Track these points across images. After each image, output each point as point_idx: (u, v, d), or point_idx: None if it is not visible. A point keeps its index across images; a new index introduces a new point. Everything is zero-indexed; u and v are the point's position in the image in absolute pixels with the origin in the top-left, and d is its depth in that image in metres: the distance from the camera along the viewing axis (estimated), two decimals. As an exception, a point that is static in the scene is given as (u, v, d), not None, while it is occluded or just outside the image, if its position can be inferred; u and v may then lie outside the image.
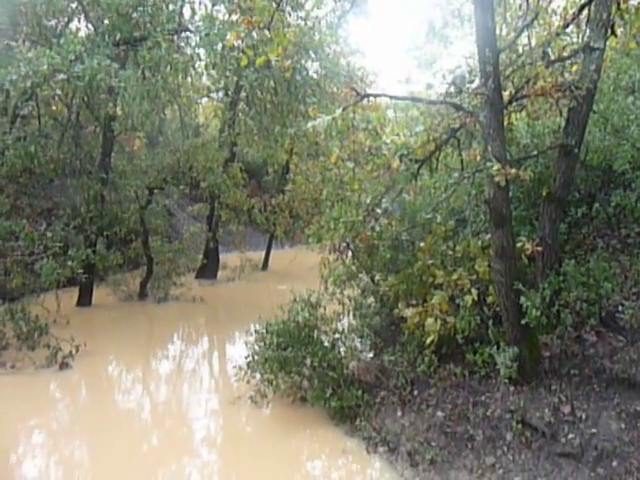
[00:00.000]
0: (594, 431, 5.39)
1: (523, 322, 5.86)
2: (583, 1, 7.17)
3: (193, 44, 12.16)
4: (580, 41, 6.95)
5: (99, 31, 11.68)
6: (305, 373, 7.37)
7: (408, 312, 6.81)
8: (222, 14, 12.42)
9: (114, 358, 10.37)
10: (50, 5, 12.33)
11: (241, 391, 7.91)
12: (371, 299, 8.42)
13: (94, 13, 12.43)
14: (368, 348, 8.18)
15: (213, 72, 13.44)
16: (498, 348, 6.12)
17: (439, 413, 6.28)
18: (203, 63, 12.46)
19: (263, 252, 20.83)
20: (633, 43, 8.31)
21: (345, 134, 6.68)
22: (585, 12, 7.01)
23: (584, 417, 5.53)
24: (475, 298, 6.40)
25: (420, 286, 7.23)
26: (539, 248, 6.16)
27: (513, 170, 5.58)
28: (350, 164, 7.35)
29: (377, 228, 6.90)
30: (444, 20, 10.31)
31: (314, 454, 6.72)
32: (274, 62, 7.25)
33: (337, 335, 7.75)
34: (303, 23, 13.89)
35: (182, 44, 12.33)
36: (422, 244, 7.33)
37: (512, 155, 6.89)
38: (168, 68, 11.28)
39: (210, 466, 6.66)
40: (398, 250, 7.92)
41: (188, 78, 14.19)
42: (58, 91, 12.79)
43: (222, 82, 14.88)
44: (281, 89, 13.89)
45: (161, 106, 14.75)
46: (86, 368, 9.48)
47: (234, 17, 10.92)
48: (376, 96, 6.86)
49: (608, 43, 6.69)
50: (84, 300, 13.76)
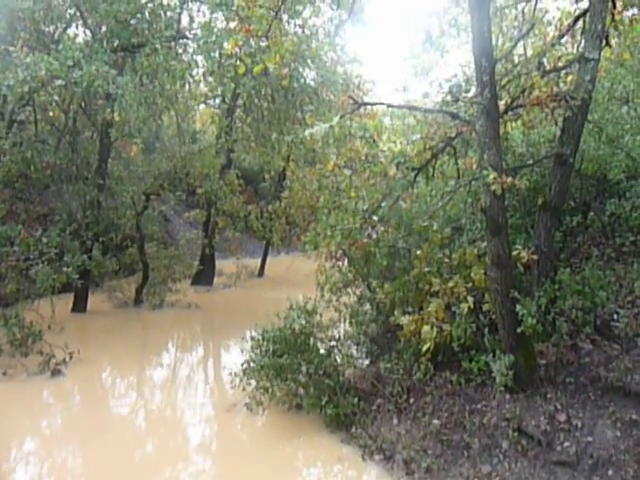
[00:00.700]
0: (590, 439, 5.39)
1: (519, 330, 5.87)
2: (578, 12, 7.27)
3: (191, 51, 12.23)
4: (575, 52, 7.02)
5: (97, 37, 11.72)
6: (301, 380, 7.36)
7: (404, 319, 6.81)
8: (220, 22, 12.48)
9: (108, 365, 10.31)
10: (48, 11, 12.35)
11: (236, 398, 7.88)
12: (367, 306, 8.41)
13: (92, 19, 12.46)
14: (364, 355, 8.17)
15: (211, 79, 13.47)
16: (494, 356, 6.12)
17: (435, 421, 6.27)
18: (201, 70, 12.51)
19: (259, 259, 20.81)
20: (627, 54, 8.39)
21: (342, 142, 6.72)
22: (580, 23, 7.11)
23: (580, 425, 5.54)
24: (471, 306, 6.41)
25: (416, 294, 7.24)
26: (535, 256, 6.18)
27: (509, 179, 5.61)
28: (347, 171, 7.37)
29: (374, 235, 6.92)
30: (441, 29, 10.38)
31: (310, 462, 6.70)
32: (272, 70, 7.27)
33: (333, 342, 7.75)
34: (301, 31, 13.94)
35: (180, 51, 12.38)
36: (418, 252, 7.34)
37: (508, 164, 6.93)
38: (166, 75, 11.31)
39: (205, 473, 6.63)
40: (394, 258, 7.94)
41: (186, 85, 14.20)
42: (55, 97, 12.81)
43: (219, 89, 14.92)
44: (278, 96, 13.97)
45: (158, 112, 14.76)
46: (79, 375, 9.40)
47: (232, 25, 10.96)
48: (373, 104, 6.91)
49: (603, 54, 6.75)
50: (79, 306, 13.69)
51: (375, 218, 7.00)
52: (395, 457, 6.13)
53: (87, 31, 13.15)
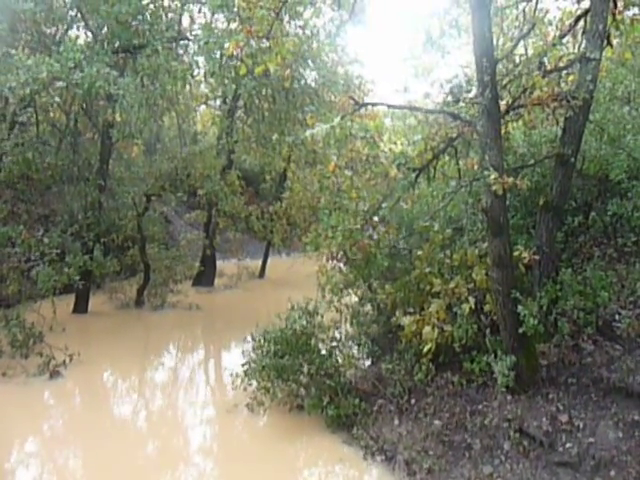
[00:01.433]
0: (592, 440, 5.38)
1: (520, 331, 5.86)
2: (579, 12, 7.26)
3: (192, 52, 12.26)
4: (576, 51, 7.00)
5: (98, 39, 11.74)
6: (302, 381, 7.35)
7: (405, 320, 6.81)
8: (221, 23, 12.51)
9: (108, 366, 10.27)
10: (50, 13, 12.38)
11: (238, 399, 7.87)
12: (368, 307, 8.41)
13: (93, 21, 12.48)
14: (365, 356, 8.16)
15: (211, 80, 13.51)
16: (495, 357, 6.11)
17: (436, 422, 6.26)
18: (202, 71, 12.53)
19: (260, 260, 20.80)
20: (628, 53, 8.38)
21: (343, 142, 6.71)
22: (581, 23, 7.10)
23: (582, 426, 5.52)
24: (472, 306, 6.40)
25: (417, 294, 7.23)
26: (536, 257, 6.17)
27: (510, 179, 5.61)
28: (348, 172, 7.37)
29: (375, 236, 6.91)
30: (441, 30, 10.37)
31: (311, 462, 6.69)
32: (272, 71, 7.28)
33: (334, 343, 7.74)
34: (302, 32, 13.96)
35: (181, 52, 12.42)
36: (419, 252, 7.33)
37: (509, 164, 6.92)
38: (167, 76, 11.32)
39: (206, 474, 6.62)
40: (395, 258, 7.92)
41: (186, 86, 14.23)
42: (57, 98, 12.81)
43: (220, 90, 14.94)
44: (279, 97, 13.98)
45: (159, 113, 14.81)
46: (78, 377, 9.36)
47: (233, 26, 10.98)
48: (374, 105, 6.91)
49: (604, 53, 6.74)
50: (80, 307, 13.69)
51: (376, 219, 6.99)
52: (396, 458, 6.12)
53: (88, 33, 13.18)
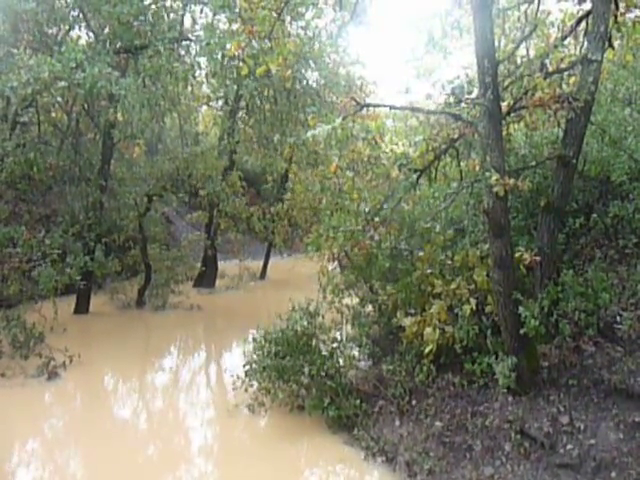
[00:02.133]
0: (593, 442, 5.37)
1: (521, 332, 5.86)
2: (581, 14, 7.26)
3: (193, 53, 12.28)
4: (578, 53, 7.02)
5: (100, 39, 11.76)
6: (303, 382, 7.35)
7: (407, 321, 6.82)
8: (223, 23, 12.52)
9: (108, 368, 10.23)
10: (51, 13, 12.39)
11: (239, 400, 7.87)
12: (370, 308, 8.41)
13: (95, 21, 12.51)
14: (366, 357, 8.16)
15: (213, 81, 13.51)
16: (497, 358, 6.11)
17: (437, 423, 6.26)
18: (203, 72, 12.55)
19: (261, 261, 20.80)
20: (630, 55, 8.39)
21: (344, 143, 6.73)
22: (583, 25, 7.10)
23: (583, 428, 5.52)
24: (474, 308, 6.40)
25: (419, 295, 7.23)
26: (537, 258, 6.17)
27: (511, 180, 5.61)
28: (349, 173, 7.39)
29: (376, 237, 6.91)
30: (443, 31, 10.37)
31: (312, 463, 6.69)
32: (274, 71, 7.29)
33: (335, 344, 7.73)
34: (303, 33, 13.96)
35: (183, 53, 12.43)
36: (421, 253, 7.34)
37: (510, 165, 6.92)
38: (168, 76, 11.35)
39: (207, 475, 6.61)
40: (397, 259, 7.93)
41: (188, 86, 14.27)
42: (58, 98, 12.86)
43: (222, 91, 14.92)
44: (281, 98, 13.99)
45: (161, 114, 14.83)
46: (77, 378, 9.32)
47: (235, 26, 10.99)
48: (375, 106, 6.91)
49: (605, 55, 6.74)
50: (81, 308, 13.70)
51: (377, 220, 6.99)
52: (397, 459, 6.12)
53: (90, 33, 13.20)
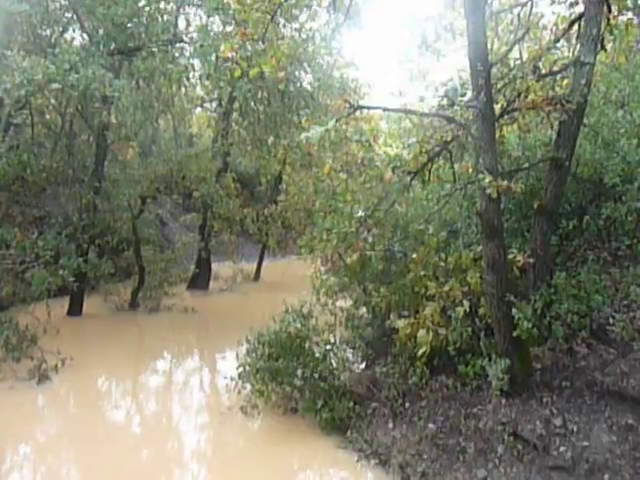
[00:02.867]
0: (586, 444, 5.38)
1: (515, 334, 5.87)
2: (573, 17, 7.30)
3: (187, 55, 12.27)
4: (571, 55, 7.04)
5: (94, 41, 11.73)
6: (296, 384, 7.33)
7: (400, 323, 6.81)
8: (216, 25, 12.52)
9: (101, 370, 10.12)
10: (45, 15, 12.36)
11: (232, 402, 7.85)
12: (363, 310, 8.40)
13: (89, 23, 12.47)
14: (360, 359, 8.16)
15: (207, 83, 13.52)
16: (490, 360, 6.11)
17: (431, 425, 6.25)
18: (197, 74, 12.54)
19: (255, 263, 20.77)
20: (622, 58, 8.43)
21: (338, 145, 6.74)
22: (575, 27, 7.14)
23: (576, 430, 5.53)
24: (467, 310, 6.41)
25: (412, 297, 7.23)
26: (530, 260, 6.19)
27: (505, 182, 5.61)
28: (343, 175, 7.40)
29: (369, 239, 6.92)
30: (436, 34, 10.43)
31: (305, 465, 6.67)
32: (268, 73, 7.28)
33: (329, 346, 7.72)
34: (297, 35, 13.99)
35: (176, 55, 12.41)
36: (414, 255, 7.34)
37: (504, 167, 6.93)
38: (162, 78, 11.34)
39: (200, 477, 6.59)
40: (390, 261, 7.93)
41: (182, 88, 14.26)
42: (52, 100, 12.81)
43: (216, 92, 14.96)
44: (274, 100, 13.99)
45: (155, 116, 14.80)
46: (69, 381, 9.22)
47: (228, 29, 11.00)
48: (369, 108, 6.91)
49: (598, 58, 6.77)
50: (75, 310, 13.62)
51: (371, 222, 6.99)
52: (391, 461, 6.11)
53: (84, 35, 13.18)
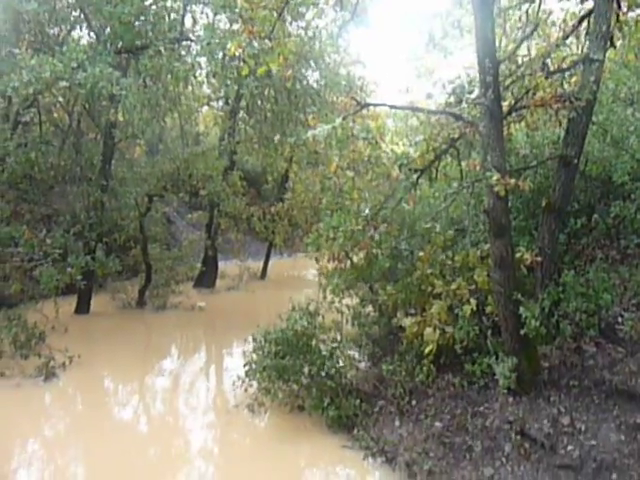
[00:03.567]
0: (593, 443, 5.35)
1: (522, 332, 5.84)
2: (583, 13, 7.24)
3: (194, 53, 12.26)
4: (579, 53, 7.00)
5: (101, 39, 11.76)
6: (303, 382, 7.34)
7: (407, 321, 6.80)
8: (223, 23, 12.54)
9: (108, 368, 10.17)
10: (53, 13, 12.43)
11: (238, 400, 7.86)
12: (370, 308, 8.39)
13: (96, 21, 12.51)
14: (366, 357, 8.15)
15: (214, 81, 13.52)
16: (497, 358, 6.09)
17: (437, 423, 6.24)
18: (204, 72, 12.54)
19: (262, 261, 20.79)
20: (632, 55, 8.37)
21: (345, 143, 6.70)
22: (584, 24, 7.09)
23: (583, 429, 5.50)
24: (474, 308, 6.39)
25: (419, 295, 7.22)
26: (538, 258, 6.15)
27: (512, 180, 5.59)
28: (350, 173, 7.37)
29: (376, 237, 6.89)
30: (444, 31, 10.39)
31: (312, 463, 6.67)
32: (275, 71, 7.27)
33: (335, 344, 7.72)
34: (304, 33, 13.96)
35: (183, 53, 12.41)
36: (421, 253, 7.32)
37: (511, 165, 6.90)
38: (169, 76, 11.34)
39: (207, 475, 6.61)
40: (397, 259, 7.92)
41: (189, 86, 14.27)
42: (60, 98, 12.87)
43: (222, 91, 14.94)
44: (281, 98, 13.99)
45: (161, 114, 14.81)
46: (75, 378, 9.25)
47: (235, 26, 10.99)
48: (376, 105, 6.90)
49: (607, 55, 6.72)
50: (82, 308, 13.70)
51: (378, 220, 6.98)
52: (397, 459, 6.10)
53: (91, 33, 13.21)
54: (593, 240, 7.53)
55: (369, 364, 8.16)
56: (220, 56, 11.07)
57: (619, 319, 6.32)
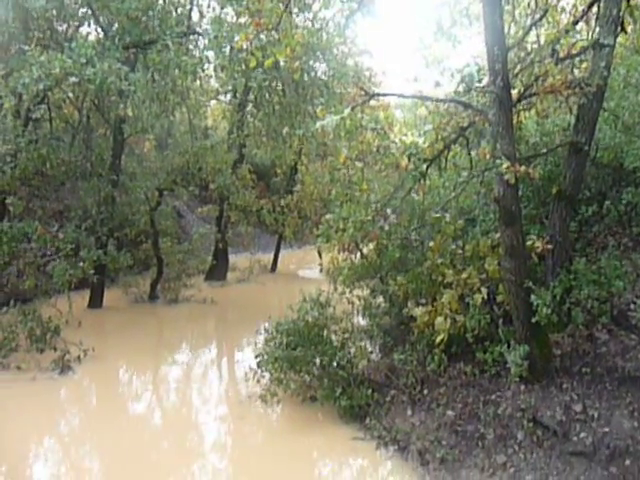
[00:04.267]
0: (606, 430, 5.35)
1: (533, 320, 5.83)
2: (592, -2, 7.15)
3: (202, 46, 12.30)
4: (589, 38, 6.91)
5: (109, 35, 11.82)
6: (315, 372, 7.39)
7: (417, 311, 6.81)
8: (230, 16, 12.52)
9: (122, 361, 10.32)
10: (61, 10, 12.48)
11: (251, 391, 7.93)
12: (380, 298, 8.41)
13: (104, 17, 12.57)
14: (378, 347, 8.19)
15: (222, 74, 13.53)
16: (508, 347, 6.09)
17: (449, 412, 6.26)
18: (212, 65, 12.56)
19: (272, 253, 20.86)
20: (643, 40, 8.25)
21: (353, 134, 6.68)
22: (594, 9, 7.00)
23: (596, 416, 5.49)
24: (485, 297, 6.38)
25: (429, 285, 7.22)
26: (549, 246, 6.13)
27: (523, 168, 5.56)
28: (359, 164, 7.36)
29: (386, 228, 6.89)
30: (452, 19, 10.31)
31: (324, 453, 6.73)
32: (282, 63, 7.27)
33: (347, 334, 7.76)
34: (311, 24, 13.93)
35: (191, 47, 12.44)
36: (431, 243, 7.31)
37: (521, 153, 6.86)
38: (177, 71, 11.36)
39: (220, 465, 6.69)
40: (407, 249, 7.92)
41: (197, 80, 14.29)
42: (69, 94, 12.94)
43: (230, 84, 14.96)
44: (289, 90, 13.96)
45: (170, 108, 14.86)
46: (90, 371, 9.38)
47: (242, 19, 10.98)
48: (384, 95, 6.88)
49: (618, 40, 6.64)
50: (95, 302, 13.86)
51: (387, 210, 6.97)
52: (409, 448, 6.14)
53: (99, 29, 13.27)
54: (605, 227, 7.48)
55: (380, 354, 8.20)
56: (228, 49, 11.08)
57: (631, 306, 6.28)
